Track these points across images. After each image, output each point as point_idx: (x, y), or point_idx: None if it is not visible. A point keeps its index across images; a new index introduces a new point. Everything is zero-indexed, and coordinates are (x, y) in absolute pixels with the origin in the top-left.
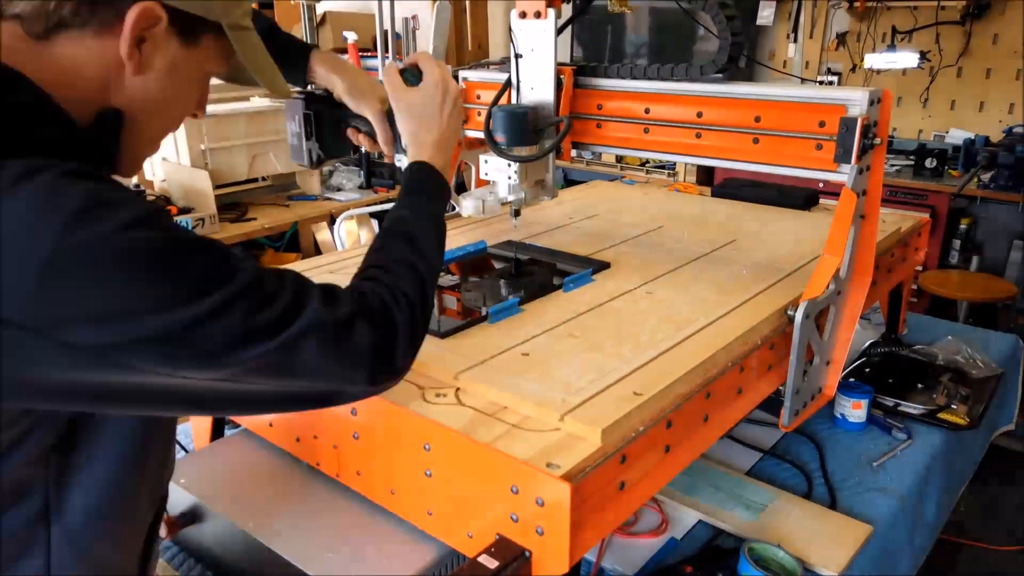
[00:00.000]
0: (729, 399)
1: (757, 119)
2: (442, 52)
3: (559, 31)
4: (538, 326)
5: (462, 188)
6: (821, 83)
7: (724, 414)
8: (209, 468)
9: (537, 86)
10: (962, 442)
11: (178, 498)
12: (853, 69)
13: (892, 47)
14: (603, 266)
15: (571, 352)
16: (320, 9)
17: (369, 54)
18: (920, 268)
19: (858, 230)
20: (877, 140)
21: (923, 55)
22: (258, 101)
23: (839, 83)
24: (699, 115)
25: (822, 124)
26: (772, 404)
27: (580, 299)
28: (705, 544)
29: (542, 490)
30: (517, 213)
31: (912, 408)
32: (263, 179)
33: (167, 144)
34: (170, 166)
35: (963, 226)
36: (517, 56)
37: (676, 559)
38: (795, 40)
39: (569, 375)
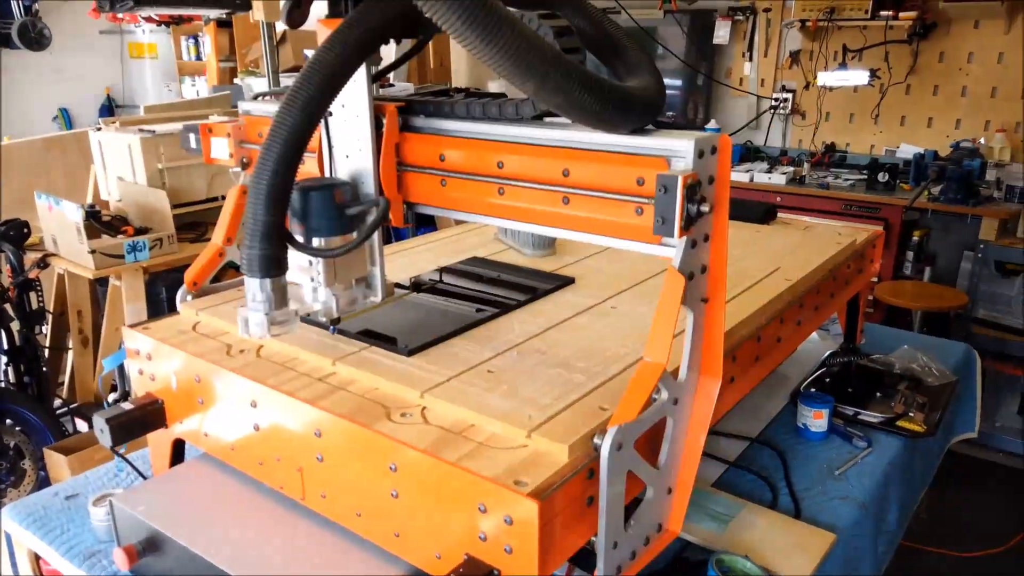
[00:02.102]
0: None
1: (565, 173)
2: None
3: (379, 75)
4: (504, 343)
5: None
6: (776, 100)
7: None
8: (168, 495)
9: (352, 152)
10: (920, 449)
11: (137, 526)
12: (807, 86)
13: (843, 65)
14: (567, 282)
15: (537, 368)
16: (280, 27)
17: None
18: (875, 279)
19: (700, 316)
20: (706, 207)
21: (873, 73)
22: (217, 119)
23: (793, 100)
24: (500, 165)
25: (641, 182)
26: (586, 556)
27: (545, 315)
28: (673, 557)
29: (510, 508)
30: (335, 324)
31: (871, 417)
32: (222, 198)
33: (123, 163)
34: (126, 186)
35: (916, 238)
36: (325, 115)
37: (645, 572)
38: (751, 58)
39: (535, 391)
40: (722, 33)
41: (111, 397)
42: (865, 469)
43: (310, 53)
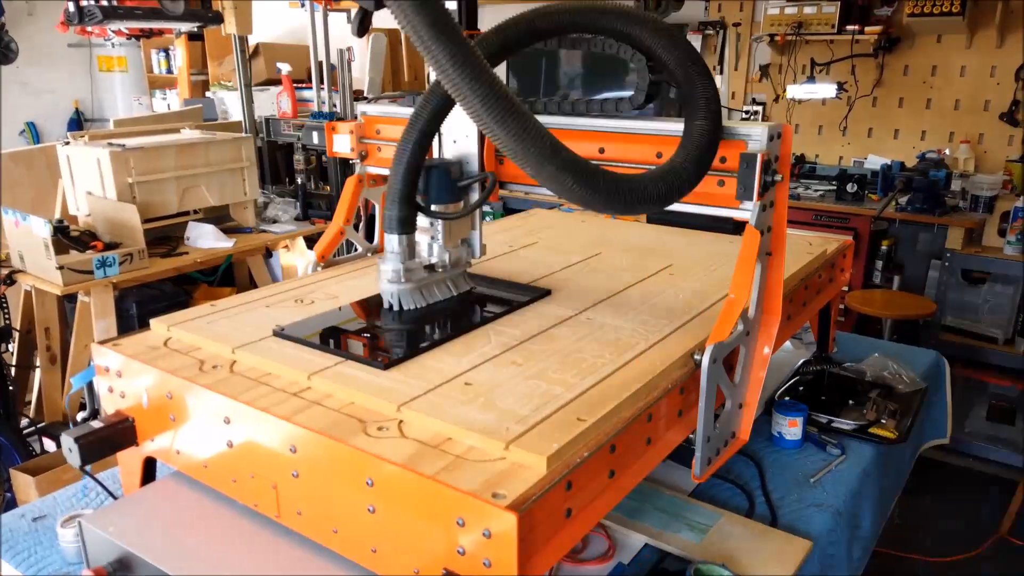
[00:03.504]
0: (672, 420)
1: (659, 155)
2: (378, 83)
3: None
4: (480, 355)
5: (371, 223)
6: (747, 113)
7: (667, 435)
8: (139, 515)
9: (460, 138)
10: (892, 455)
11: (107, 548)
12: (776, 99)
13: (811, 79)
14: (544, 293)
15: (514, 380)
16: (252, 40)
17: (304, 85)
18: (846, 288)
19: (765, 267)
20: (779, 176)
21: (840, 86)
22: (188, 133)
23: (763, 112)
24: (601, 151)
25: (723, 160)
26: (684, 453)
27: (522, 327)
28: (652, 567)
29: (488, 521)
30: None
31: (844, 424)
32: (195, 212)
33: (92, 178)
34: (95, 200)
35: (884, 247)
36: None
37: None
38: (721, 72)
39: (513, 403)
40: None
41: (80, 415)
42: (839, 476)
43: (283, 66)
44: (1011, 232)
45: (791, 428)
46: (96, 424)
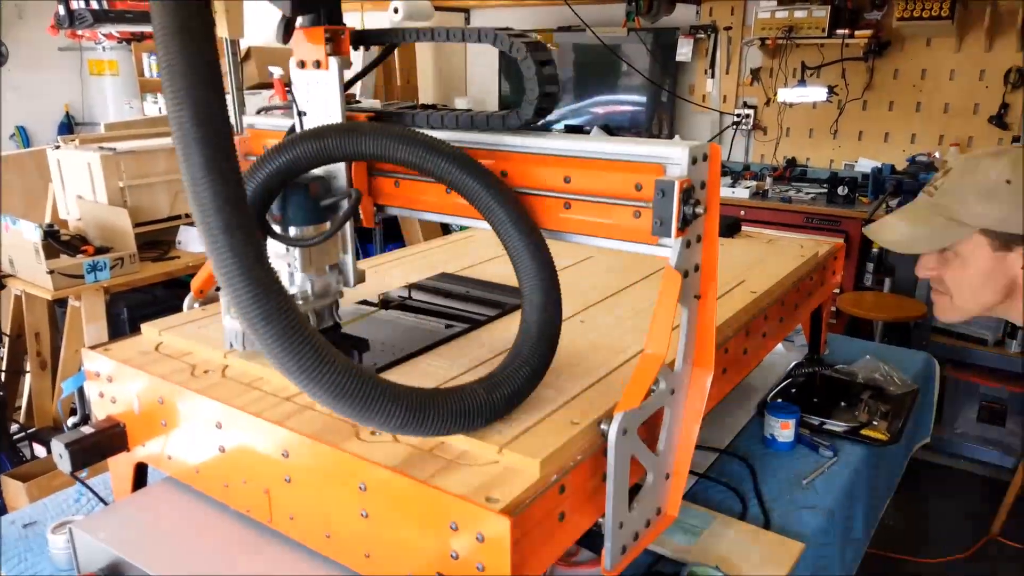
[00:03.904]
0: (656, 428)
1: (567, 179)
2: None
3: (351, 82)
4: (473, 358)
5: None
6: (738, 116)
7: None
8: (131, 520)
9: None
10: (884, 457)
11: (98, 554)
12: (767, 103)
13: (802, 82)
14: None
15: None
16: (244, 44)
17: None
18: (837, 291)
19: (693, 313)
20: (701, 208)
21: (831, 89)
22: None
23: (755, 115)
24: (503, 174)
25: (639, 187)
26: (592, 538)
27: (514, 330)
28: (646, 570)
29: (482, 525)
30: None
31: (836, 426)
32: (186, 216)
33: (83, 182)
34: (86, 204)
35: (875, 250)
36: (300, 114)
37: None
38: (712, 75)
39: None
40: (684, 51)
41: (70, 421)
42: (832, 478)
43: (274, 70)
44: None
45: (783, 430)
46: (87, 430)
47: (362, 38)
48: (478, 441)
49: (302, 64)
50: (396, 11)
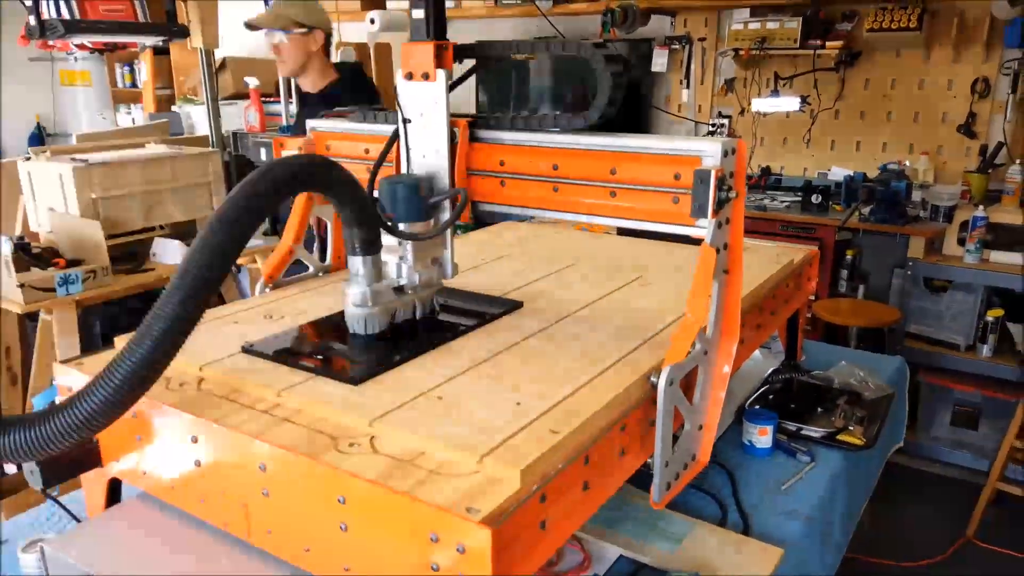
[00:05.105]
0: (645, 430)
1: (613, 171)
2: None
3: (450, 89)
4: (453, 368)
5: (324, 244)
6: (713, 125)
7: (641, 446)
8: (104, 538)
9: (429, 153)
10: (861, 461)
11: (71, 573)
12: (742, 112)
13: (775, 92)
14: (516, 305)
15: (487, 393)
16: (220, 54)
17: (272, 99)
18: (813, 297)
19: (722, 285)
20: (733, 193)
21: (803, 99)
22: (154, 148)
23: (729, 125)
24: (555, 167)
25: (678, 176)
26: (642, 478)
27: (494, 339)
28: None
29: (462, 536)
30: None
31: (813, 432)
32: (161, 227)
33: (54, 194)
34: (57, 216)
35: (849, 257)
36: (406, 121)
37: None
38: (687, 86)
39: (486, 416)
40: (660, 61)
41: None
42: (810, 483)
43: (250, 80)
44: (970, 241)
45: (761, 436)
46: None
47: (465, 52)
48: (459, 451)
49: (410, 76)
50: (372, 22)
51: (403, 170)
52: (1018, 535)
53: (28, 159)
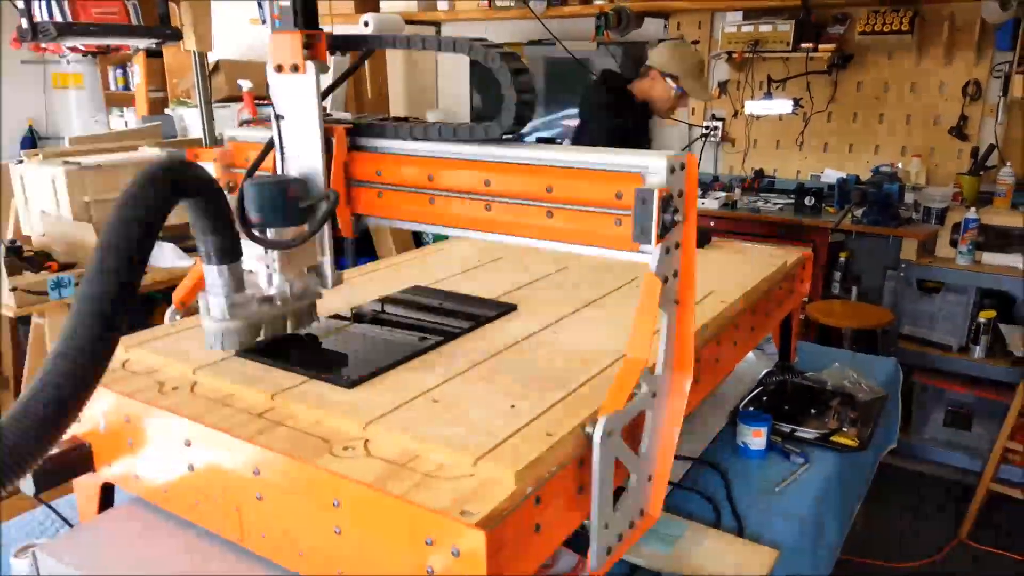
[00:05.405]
0: (637, 431)
1: (549, 189)
2: (341, 100)
3: (328, 90)
4: (447, 371)
5: None
6: (707, 128)
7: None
8: (97, 543)
9: (303, 152)
10: (854, 463)
11: None
12: (735, 115)
13: (768, 95)
14: (510, 308)
15: (481, 396)
16: (213, 57)
17: (265, 102)
18: (806, 299)
19: (672, 318)
20: (679, 216)
21: (796, 102)
22: (147, 151)
23: (723, 128)
24: (487, 183)
25: (619, 196)
26: (578, 539)
27: (489, 342)
28: None
29: (457, 539)
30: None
31: (807, 433)
32: None
33: (47, 197)
34: (50, 219)
35: (842, 258)
36: (278, 118)
37: None
38: None
39: (480, 419)
40: None
41: None
42: (804, 485)
43: (244, 83)
44: (962, 243)
45: (755, 438)
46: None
47: (338, 43)
48: (453, 454)
49: (279, 68)
50: (366, 24)
51: (279, 171)
52: (1011, 536)
53: (20, 162)
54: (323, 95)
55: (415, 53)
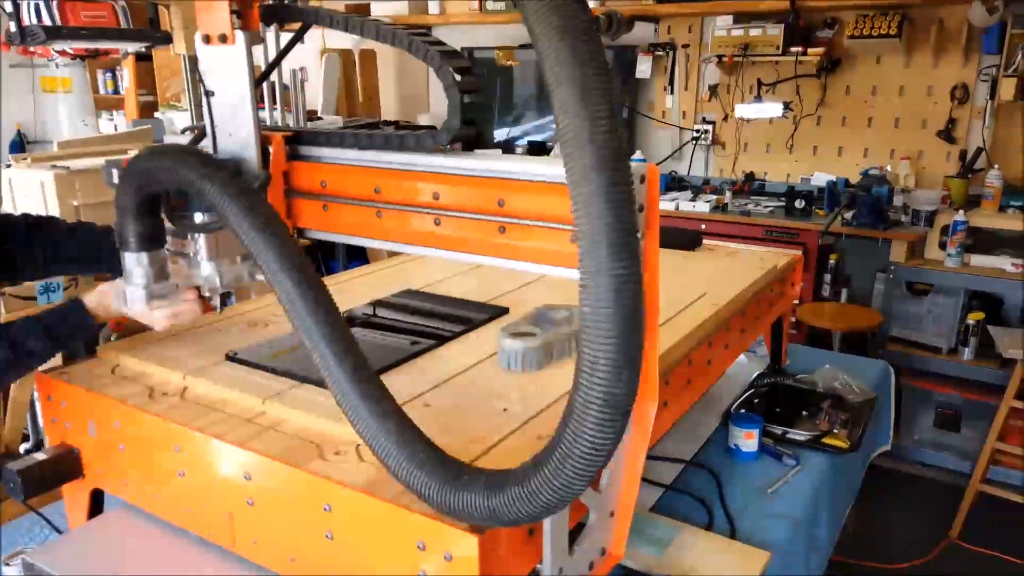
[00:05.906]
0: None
1: (501, 203)
2: (332, 104)
3: (272, 66)
4: (440, 375)
5: None
6: (697, 131)
7: None
8: (87, 549)
9: (235, 131)
10: (845, 464)
11: None
12: (726, 118)
13: (758, 98)
14: (501, 312)
15: (473, 400)
16: None
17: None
18: (797, 302)
19: None
20: (639, 234)
21: (786, 105)
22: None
23: (713, 131)
24: (436, 196)
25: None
26: None
27: (480, 345)
28: None
29: (449, 544)
30: (223, 300)
31: (799, 435)
32: None
33: (35, 201)
34: None
35: (832, 261)
36: (207, 94)
37: None
38: (671, 92)
39: (472, 423)
40: (644, 68)
41: (23, 447)
42: (795, 486)
43: None
44: (951, 245)
45: (747, 440)
46: (40, 456)
47: (274, 13)
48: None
49: (207, 39)
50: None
51: (211, 152)
52: (1002, 536)
53: (9, 167)
54: (262, 77)
55: (408, 59)
